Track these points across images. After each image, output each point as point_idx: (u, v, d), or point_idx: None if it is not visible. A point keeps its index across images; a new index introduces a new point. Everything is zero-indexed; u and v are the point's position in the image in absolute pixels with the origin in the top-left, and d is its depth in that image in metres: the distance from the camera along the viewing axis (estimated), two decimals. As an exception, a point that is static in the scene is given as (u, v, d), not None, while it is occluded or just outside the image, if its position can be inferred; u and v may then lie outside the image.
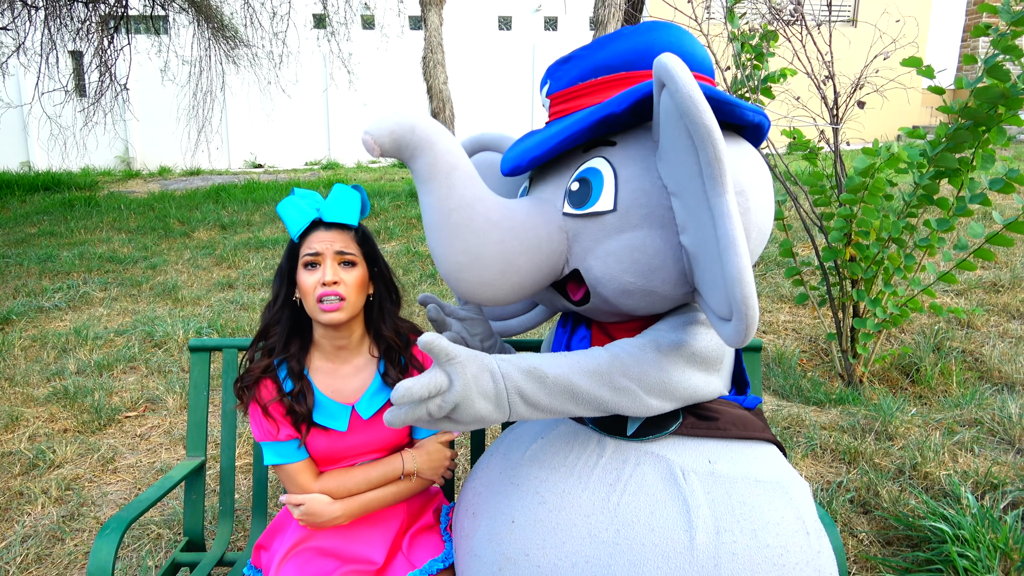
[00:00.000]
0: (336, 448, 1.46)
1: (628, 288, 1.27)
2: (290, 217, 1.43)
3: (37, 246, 7.14)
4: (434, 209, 1.24)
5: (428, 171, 1.22)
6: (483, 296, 1.29)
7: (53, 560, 2.36)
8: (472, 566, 1.32)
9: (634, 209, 1.24)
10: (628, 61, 1.31)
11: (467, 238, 1.23)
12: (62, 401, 3.55)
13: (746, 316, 1.06)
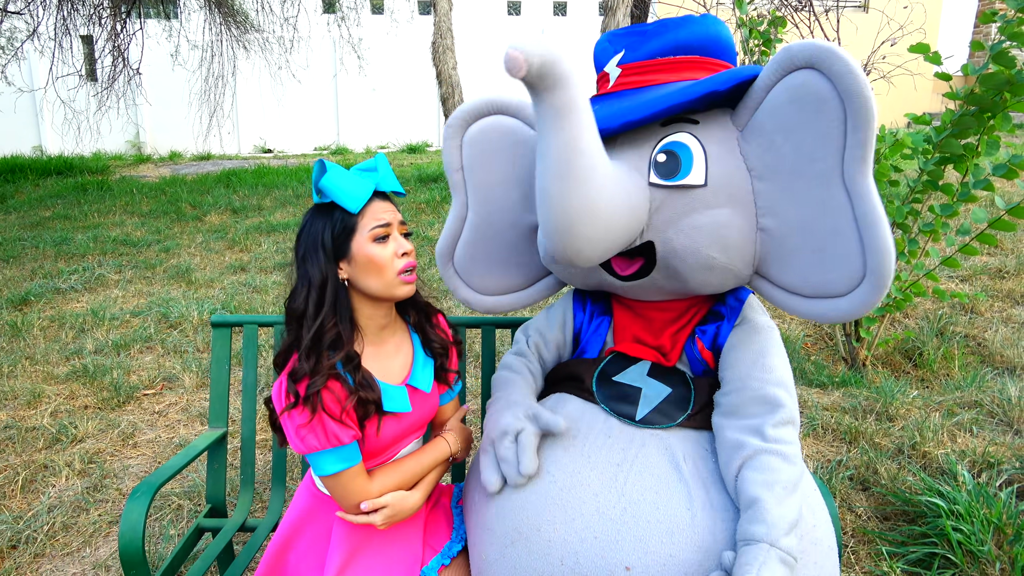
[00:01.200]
0: (401, 429, 1.42)
1: (711, 263, 1.31)
2: (344, 190, 1.31)
3: (52, 229, 7.24)
4: (563, 150, 1.15)
5: (566, 107, 1.12)
6: (581, 254, 1.23)
7: (78, 528, 2.45)
8: (485, 539, 1.38)
9: (723, 187, 1.29)
10: (704, 46, 1.39)
11: (588, 188, 1.17)
12: (82, 379, 3.65)
13: (883, 283, 1.15)
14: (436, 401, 1.51)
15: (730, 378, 1.38)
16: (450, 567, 1.45)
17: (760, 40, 3.76)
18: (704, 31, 1.39)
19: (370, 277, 1.34)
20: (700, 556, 1.20)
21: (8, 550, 2.35)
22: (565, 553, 1.24)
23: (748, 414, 1.32)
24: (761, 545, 1.12)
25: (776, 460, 1.24)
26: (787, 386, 1.37)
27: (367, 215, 1.34)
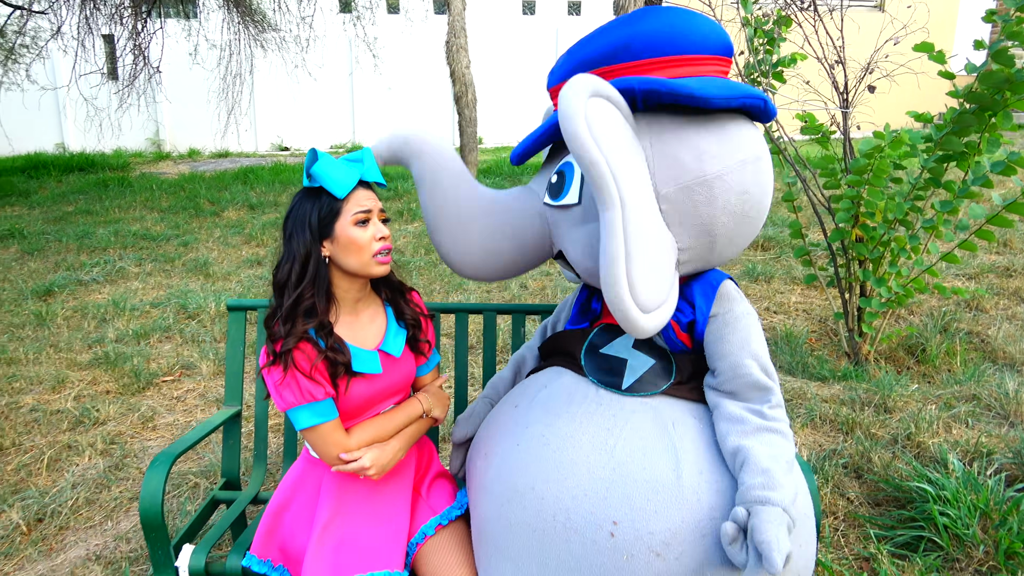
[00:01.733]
0: (374, 391, 1.56)
1: (591, 271, 1.44)
2: (333, 177, 1.45)
3: (75, 223, 7.41)
4: (426, 206, 1.51)
5: (419, 175, 1.49)
6: (474, 274, 1.55)
7: (101, 504, 2.57)
8: (483, 500, 1.47)
9: (593, 204, 1.39)
10: (608, 55, 1.41)
11: (453, 229, 1.49)
12: (103, 366, 3.77)
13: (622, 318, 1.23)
14: (409, 368, 1.64)
15: (722, 368, 1.46)
16: (447, 528, 1.56)
17: (765, 39, 3.82)
18: (613, 39, 1.40)
19: (350, 256, 1.50)
20: (684, 513, 1.28)
21: (35, 523, 2.47)
22: (557, 509, 1.33)
23: (745, 398, 1.43)
24: (777, 508, 1.21)
25: (778, 438, 1.36)
26: (771, 373, 1.46)
27: (351, 201, 1.49)
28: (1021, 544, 2.05)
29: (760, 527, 1.16)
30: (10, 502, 2.57)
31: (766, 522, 1.17)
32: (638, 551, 1.28)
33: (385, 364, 1.58)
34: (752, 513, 1.21)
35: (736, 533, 1.19)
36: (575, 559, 1.32)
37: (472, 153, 8.16)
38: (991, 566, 2.05)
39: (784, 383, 3.35)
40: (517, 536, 1.38)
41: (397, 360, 1.60)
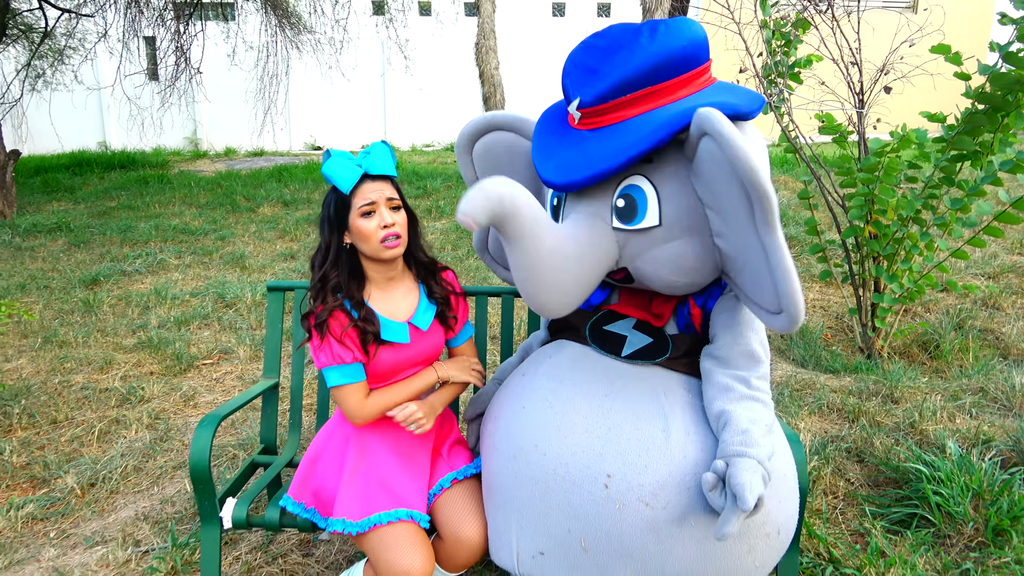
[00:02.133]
0: (402, 359, 1.74)
1: (673, 284, 1.56)
2: (338, 175, 1.64)
3: (117, 218, 7.73)
4: (524, 264, 1.41)
5: (518, 232, 1.38)
6: (554, 314, 1.51)
7: (147, 471, 2.78)
8: (493, 457, 1.64)
9: (677, 222, 1.49)
10: (650, 76, 1.47)
11: (555, 278, 1.44)
12: (147, 349, 4.01)
13: (798, 318, 1.36)
14: (436, 341, 1.81)
15: (722, 335, 1.61)
16: (462, 483, 1.73)
17: (783, 41, 3.93)
18: (648, 57, 1.46)
19: (362, 243, 1.70)
20: (671, 468, 1.43)
21: (87, 487, 2.68)
22: (558, 464, 1.48)
23: (736, 365, 1.57)
24: (752, 460, 1.35)
25: (759, 405, 1.51)
26: (766, 348, 1.62)
27: (357, 195, 1.67)
28: (1010, 522, 2.15)
29: (736, 473, 1.31)
30: (65, 468, 2.79)
31: (741, 470, 1.31)
32: (629, 501, 1.43)
33: (413, 335, 1.76)
34: (730, 464, 1.35)
35: (715, 481, 1.34)
36: (573, 508, 1.47)
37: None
38: (980, 542, 2.16)
39: (795, 375, 3.46)
40: (522, 488, 1.53)
41: (424, 333, 1.77)
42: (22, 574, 2.19)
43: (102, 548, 2.30)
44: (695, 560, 1.43)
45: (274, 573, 2.16)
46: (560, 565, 1.50)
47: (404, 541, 1.58)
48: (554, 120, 1.66)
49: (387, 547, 1.57)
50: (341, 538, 2.32)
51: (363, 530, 1.60)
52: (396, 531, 1.60)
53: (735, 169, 1.31)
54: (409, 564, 1.55)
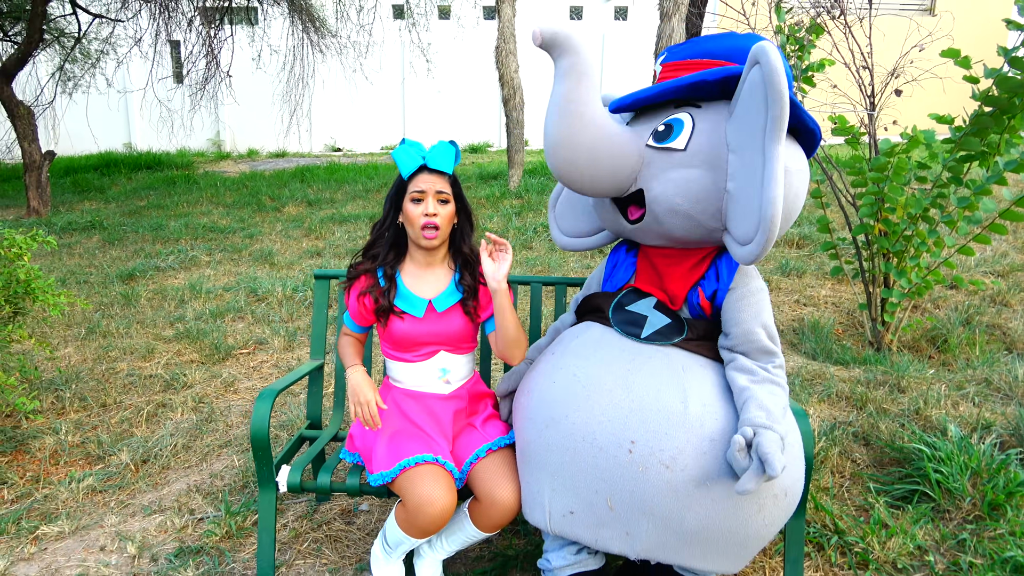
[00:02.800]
0: (413, 333, 1.95)
1: (675, 208, 1.72)
2: (402, 161, 1.90)
3: (148, 217, 7.98)
4: (560, 95, 1.63)
5: (567, 69, 1.61)
6: (567, 175, 1.71)
7: (195, 450, 2.97)
8: (526, 427, 1.81)
9: (698, 153, 1.71)
10: (724, 53, 1.80)
11: (572, 124, 1.64)
12: (185, 340, 4.21)
13: (769, 232, 1.54)
14: (454, 326, 2.00)
15: (736, 333, 1.78)
16: (497, 452, 1.91)
17: (797, 46, 4.07)
18: (727, 44, 1.81)
19: (408, 226, 1.95)
20: (688, 435, 1.60)
21: (140, 463, 2.88)
22: (586, 432, 1.65)
23: (754, 358, 1.77)
24: (776, 434, 1.53)
25: (778, 388, 1.71)
26: (776, 340, 1.80)
27: (413, 182, 1.92)
28: (1005, 497, 2.30)
29: (763, 443, 1.48)
30: (119, 446, 2.99)
31: (769, 440, 1.48)
32: (651, 464, 1.60)
33: (428, 312, 1.97)
34: (757, 433, 1.52)
35: (744, 444, 1.50)
36: (600, 471, 1.64)
37: (519, 154, 8.51)
38: (976, 516, 2.30)
39: (806, 366, 3.60)
40: (554, 454, 1.70)
41: (440, 314, 1.98)
42: (88, 538, 2.38)
43: (160, 516, 2.49)
44: (710, 517, 1.59)
45: (319, 538, 2.34)
46: (588, 522, 1.67)
47: (428, 477, 1.78)
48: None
49: (413, 483, 1.77)
50: (380, 507, 2.50)
51: (395, 474, 1.80)
52: (422, 469, 1.80)
53: (767, 81, 1.52)
54: (430, 493, 1.74)
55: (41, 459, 2.92)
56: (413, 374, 2.01)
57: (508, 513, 1.82)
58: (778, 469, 1.44)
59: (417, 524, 1.77)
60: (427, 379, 2.01)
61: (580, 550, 1.85)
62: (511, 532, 2.34)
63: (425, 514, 1.74)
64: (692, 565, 1.66)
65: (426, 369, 2.00)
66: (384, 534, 1.96)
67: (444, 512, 1.76)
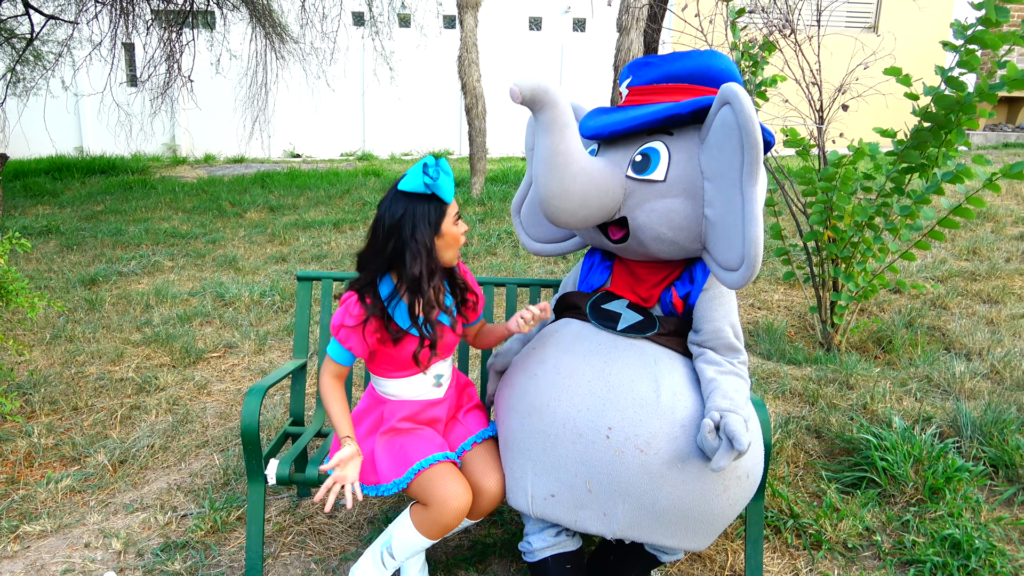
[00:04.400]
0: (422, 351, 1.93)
1: (661, 237, 1.87)
2: (446, 188, 1.82)
3: (106, 222, 7.87)
4: (547, 148, 1.73)
5: (550, 122, 1.70)
6: (561, 219, 1.81)
7: (173, 450, 3.01)
8: (510, 417, 1.93)
9: (677, 183, 1.84)
10: (689, 76, 1.89)
11: (563, 175, 1.74)
12: (154, 344, 4.22)
13: (754, 266, 1.69)
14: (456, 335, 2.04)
15: (706, 330, 1.93)
16: (481, 444, 2.02)
17: (751, 62, 4.29)
18: (694, 66, 1.91)
19: (449, 249, 1.91)
20: (661, 422, 1.74)
21: (119, 464, 2.91)
22: (566, 420, 1.78)
23: (721, 353, 1.92)
24: (740, 417, 1.68)
25: (741, 381, 1.87)
26: (741, 338, 1.96)
27: (451, 204, 1.89)
28: (944, 482, 2.50)
29: (730, 424, 1.63)
30: (95, 448, 3.01)
31: (734, 421, 1.64)
32: (627, 448, 1.73)
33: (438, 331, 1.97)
34: (723, 416, 1.66)
35: (712, 427, 1.65)
36: (580, 456, 1.77)
37: (481, 162, 8.64)
38: (919, 499, 2.50)
39: (761, 366, 3.80)
40: (536, 441, 1.83)
41: (446, 327, 2.00)
42: (72, 535, 2.42)
43: (142, 513, 2.54)
44: (680, 497, 1.74)
45: (303, 531, 2.42)
46: (568, 505, 1.79)
47: (448, 475, 1.87)
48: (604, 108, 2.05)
49: (434, 484, 1.85)
50: (360, 502, 2.59)
51: (410, 479, 1.87)
52: (440, 469, 1.88)
53: (741, 126, 1.65)
54: (455, 489, 1.84)
55: (14, 461, 2.93)
56: (409, 386, 2.02)
57: (494, 501, 1.94)
58: (745, 444, 1.59)
59: (442, 522, 1.84)
60: (423, 388, 2.03)
61: (559, 532, 1.97)
62: (490, 522, 2.46)
63: (452, 509, 1.82)
64: (664, 543, 1.79)
65: (422, 380, 2.02)
66: (388, 546, 1.95)
67: (468, 504, 1.86)
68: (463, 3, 8.20)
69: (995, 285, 5.01)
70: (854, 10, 13.54)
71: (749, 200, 1.68)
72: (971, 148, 8.53)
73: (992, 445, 2.77)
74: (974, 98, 3.35)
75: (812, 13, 4.31)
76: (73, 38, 8.98)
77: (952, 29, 3.40)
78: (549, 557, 1.96)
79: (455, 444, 2.03)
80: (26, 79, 9.82)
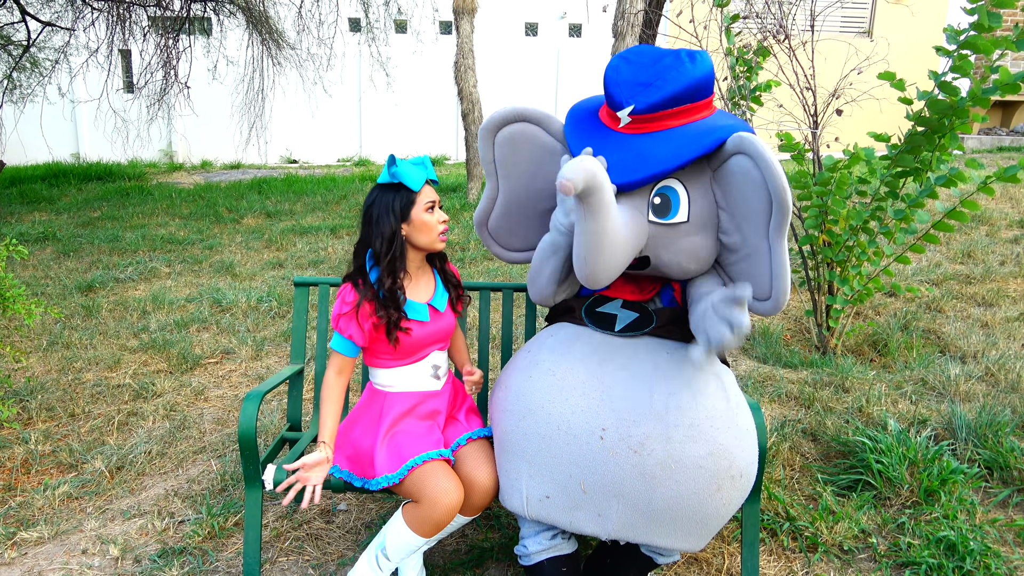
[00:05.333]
0: (423, 334, 2.04)
1: (687, 271, 1.92)
2: (409, 176, 1.94)
3: (102, 228, 7.87)
4: (594, 233, 1.64)
5: (598, 205, 1.60)
6: (600, 285, 1.76)
7: (170, 456, 3.01)
8: (505, 418, 1.94)
9: (699, 219, 1.88)
10: (691, 94, 1.83)
11: (615, 252, 1.70)
12: (151, 350, 4.22)
13: (780, 305, 1.78)
14: (450, 320, 2.13)
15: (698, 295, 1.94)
16: (475, 442, 2.05)
17: (745, 67, 4.32)
18: (694, 84, 1.82)
19: (422, 234, 2.01)
20: (655, 422, 1.75)
21: (116, 470, 2.91)
22: (560, 421, 1.79)
23: None
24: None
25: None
26: None
27: (422, 194, 2.00)
28: (939, 484, 2.51)
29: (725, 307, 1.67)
30: (92, 454, 3.01)
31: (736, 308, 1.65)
32: (621, 450, 1.74)
33: (432, 315, 2.08)
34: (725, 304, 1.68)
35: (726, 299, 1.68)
36: (574, 457, 1.78)
37: (477, 167, 8.66)
38: (914, 501, 2.51)
39: (757, 369, 3.81)
40: (530, 443, 1.84)
41: (441, 313, 2.10)
42: (69, 542, 2.42)
43: (140, 519, 2.54)
44: (675, 498, 1.74)
45: (301, 536, 2.42)
46: (563, 506, 1.80)
47: (441, 472, 1.89)
48: (586, 122, 1.97)
49: (426, 481, 1.87)
50: (358, 507, 2.59)
51: (403, 475, 1.89)
52: (433, 466, 1.90)
53: (769, 185, 1.69)
54: (446, 486, 1.87)
55: (11, 468, 2.93)
56: (407, 377, 2.08)
57: (487, 496, 1.95)
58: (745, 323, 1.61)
59: (433, 519, 1.86)
60: (421, 378, 2.09)
61: (555, 535, 1.98)
62: (486, 525, 2.46)
63: (443, 506, 1.85)
64: (659, 543, 1.80)
65: (420, 369, 2.09)
66: (382, 548, 1.97)
67: (460, 502, 1.89)
68: (459, 9, 8.23)
69: (989, 288, 5.03)
70: (848, 15, 13.61)
71: (777, 253, 1.75)
72: (964, 152, 8.59)
73: (987, 447, 2.78)
74: (967, 103, 3.37)
75: (806, 18, 4.34)
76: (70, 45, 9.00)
77: (946, 35, 3.42)
78: (545, 560, 1.96)
79: (451, 440, 2.06)
80: (23, 86, 9.84)
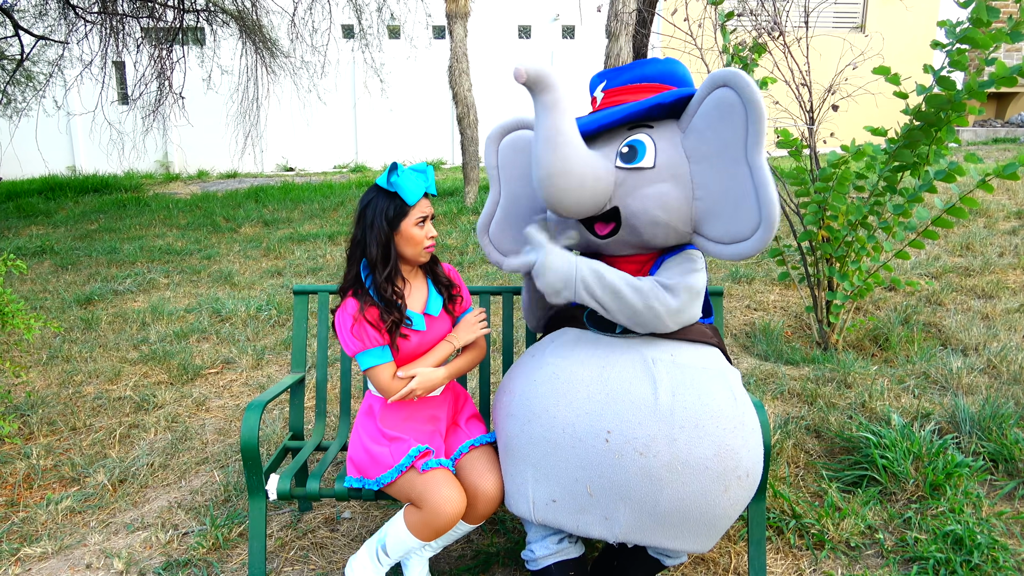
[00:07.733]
0: (422, 342, 2.05)
1: (656, 220, 1.90)
2: (409, 188, 1.96)
3: (100, 240, 7.86)
4: (549, 129, 1.77)
5: (553, 103, 1.76)
6: (562, 200, 1.83)
7: (173, 468, 3.00)
8: (509, 423, 1.93)
9: (666, 169, 1.90)
10: (660, 76, 2.01)
11: (566, 154, 1.78)
12: (151, 362, 4.21)
13: (772, 227, 1.75)
14: (445, 326, 2.13)
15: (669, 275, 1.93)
16: (479, 448, 2.04)
17: (740, 65, 4.31)
18: (663, 68, 2.03)
19: (407, 246, 2.03)
20: (659, 423, 1.74)
21: (118, 483, 2.90)
22: (565, 424, 1.78)
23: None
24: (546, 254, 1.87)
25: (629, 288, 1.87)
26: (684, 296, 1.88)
27: (416, 207, 2.01)
28: (944, 478, 2.50)
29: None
30: (94, 468, 3.00)
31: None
32: (626, 452, 1.73)
33: (428, 322, 2.08)
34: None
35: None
36: (580, 460, 1.77)
37: (474, 171, 8.65)
38: (919, 496, 2.50)
39: (759, 367, 3.80)
40: (536, 447, 1.83)
41: (436, 319, 2.10)
42: (73, 556, 2.41)
43: (143, 532, 2.53)
44: (681, 499, 1.74)
45: (305, 546, 2.41)
46: (570, 509, 1.79)
47: (443, 480, 1.89)
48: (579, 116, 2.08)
49: (429, 488, 1.87)
50: (362, 515, 2.58)
51: (402, 469, 1.90)
52: (436, 474, 1.90)
53: (748, 101, 1.74)
54: (448, 495, 1.86)
55: (14, 483, 2.91)
56: None
57: (492, 504, 1.94)
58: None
59: (434, 526, 1.87)
60: None
61: (561, 539, 1.97)
62: (492, 530, 2.45)
63: (445, 515, 1.85)
64: (666, 545, 1.79)
65: None
66: (383, 544, 2.00)
67: (462, 510, 1.89)
68: (452, 13, 8.23)
69: (989, 280, 5.03)
70: (841, 11, 13.62)
71: (758, 168, 1.76)
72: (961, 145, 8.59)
73: (991, 440, 2.77)
74: (964, 96, 3.37)
75: (800, 15, 4.35)
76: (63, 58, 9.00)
77: (943, 29, 3.42)
78: (552, 564, 1.96)
79: (453, 449, 2.05)
80: (17, 100, 9.84)
